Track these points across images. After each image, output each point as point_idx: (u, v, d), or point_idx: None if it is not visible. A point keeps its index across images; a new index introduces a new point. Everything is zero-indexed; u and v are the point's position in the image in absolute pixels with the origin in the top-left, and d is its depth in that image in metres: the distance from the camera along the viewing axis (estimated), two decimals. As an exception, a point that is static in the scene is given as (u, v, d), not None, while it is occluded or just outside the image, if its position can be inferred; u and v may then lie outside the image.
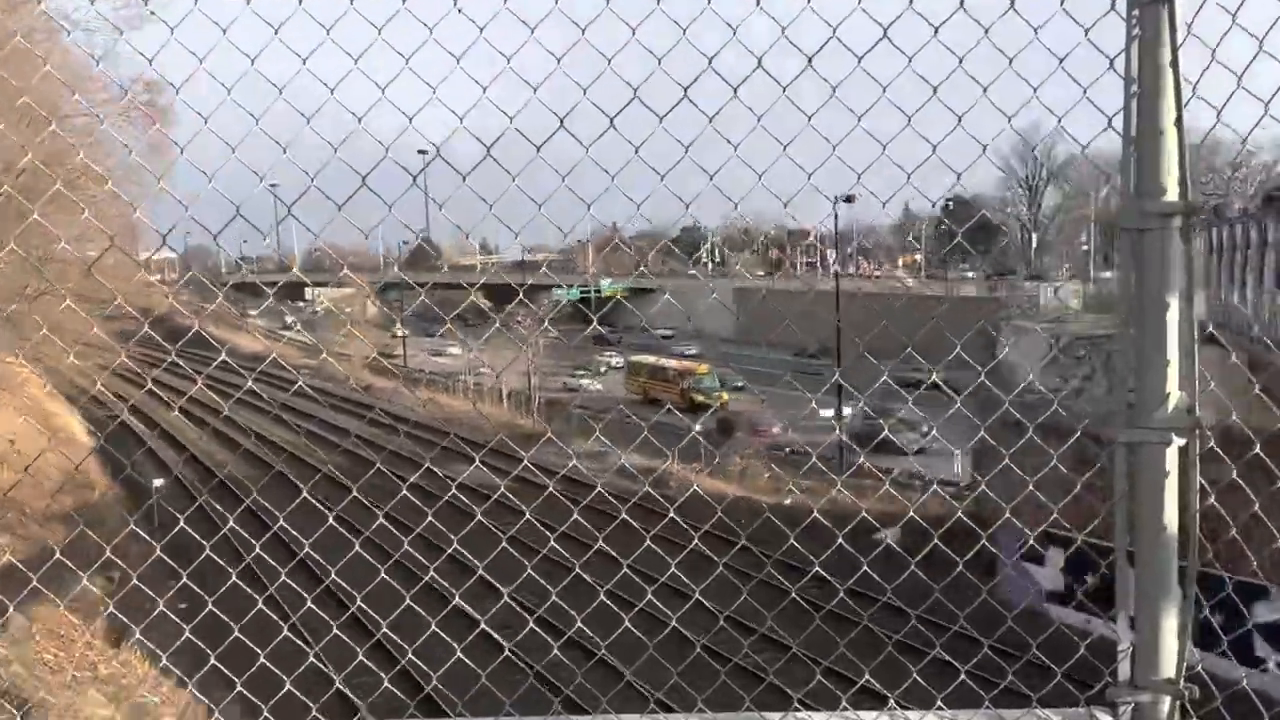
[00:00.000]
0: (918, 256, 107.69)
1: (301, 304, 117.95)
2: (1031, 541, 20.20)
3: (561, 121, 2.55)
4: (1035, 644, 3.83)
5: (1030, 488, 3.60)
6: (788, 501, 33.77)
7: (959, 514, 4.37)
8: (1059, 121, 3.10)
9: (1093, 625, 19.64)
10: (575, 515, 5.19)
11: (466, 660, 3.88)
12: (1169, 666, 2.84)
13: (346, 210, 2.62)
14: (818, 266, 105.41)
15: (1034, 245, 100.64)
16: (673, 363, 65.01)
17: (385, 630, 4.38)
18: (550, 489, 4.64)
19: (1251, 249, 20.66)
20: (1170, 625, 2.84)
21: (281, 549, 30.12)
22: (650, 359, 65.87)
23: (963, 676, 3.52)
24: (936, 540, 3.64)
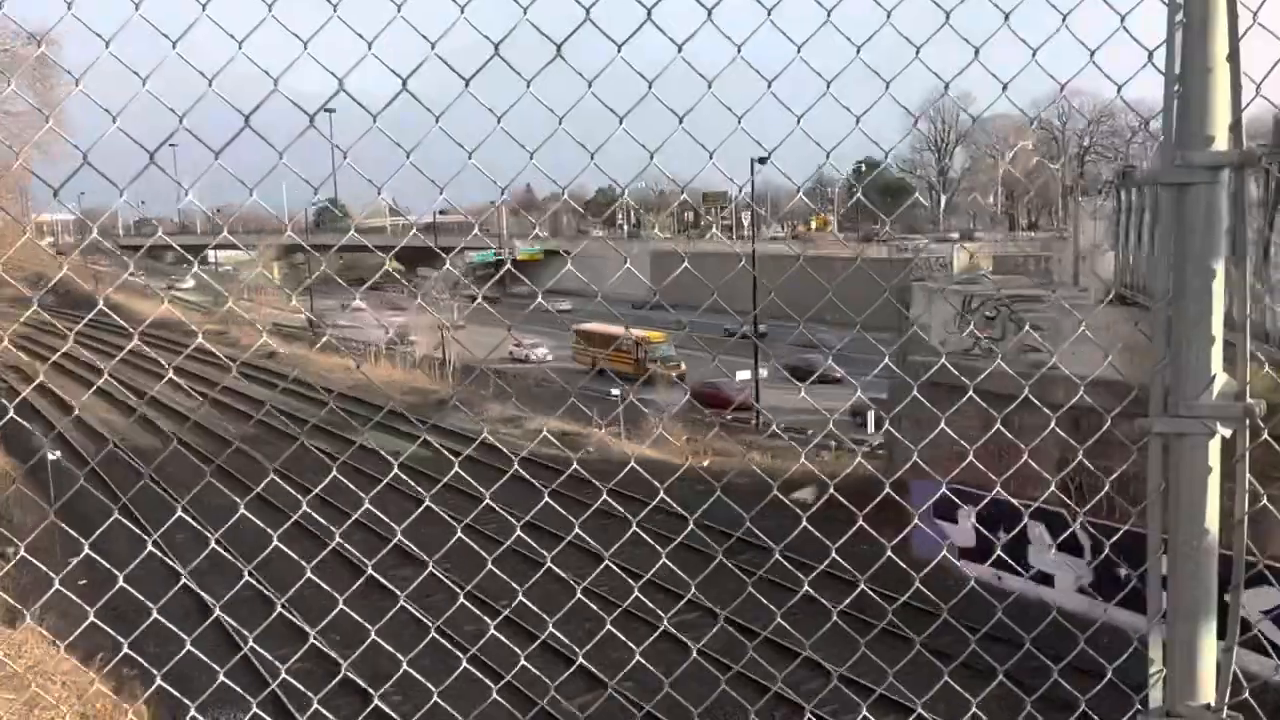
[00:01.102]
0: (830, 218, 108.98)
1: (204, 268, 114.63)
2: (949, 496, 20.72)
3: (467, 83, 2.47)
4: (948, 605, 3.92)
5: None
6: (706, 463, 34.14)
7: (885, 476, 4.45)
8: (1091, 56, 2.66)
9: (1005, 581, 20.06)
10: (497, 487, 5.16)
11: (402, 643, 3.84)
12: (1208, 690, 2.45)
13: (251, 171, 2.53)
14: (732, 230, 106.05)
15: (942, 206, 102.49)
16: (622, 330, 63.74)
17: (283, 603, 4.30)
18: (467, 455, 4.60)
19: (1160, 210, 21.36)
20: (1209, 642, 2.45)
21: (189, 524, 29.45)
22: (599, 326, 63.41)
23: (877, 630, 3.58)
24: (838, 497, 3.68)
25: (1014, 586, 19.91)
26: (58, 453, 33.26)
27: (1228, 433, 2.40)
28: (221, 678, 3.30)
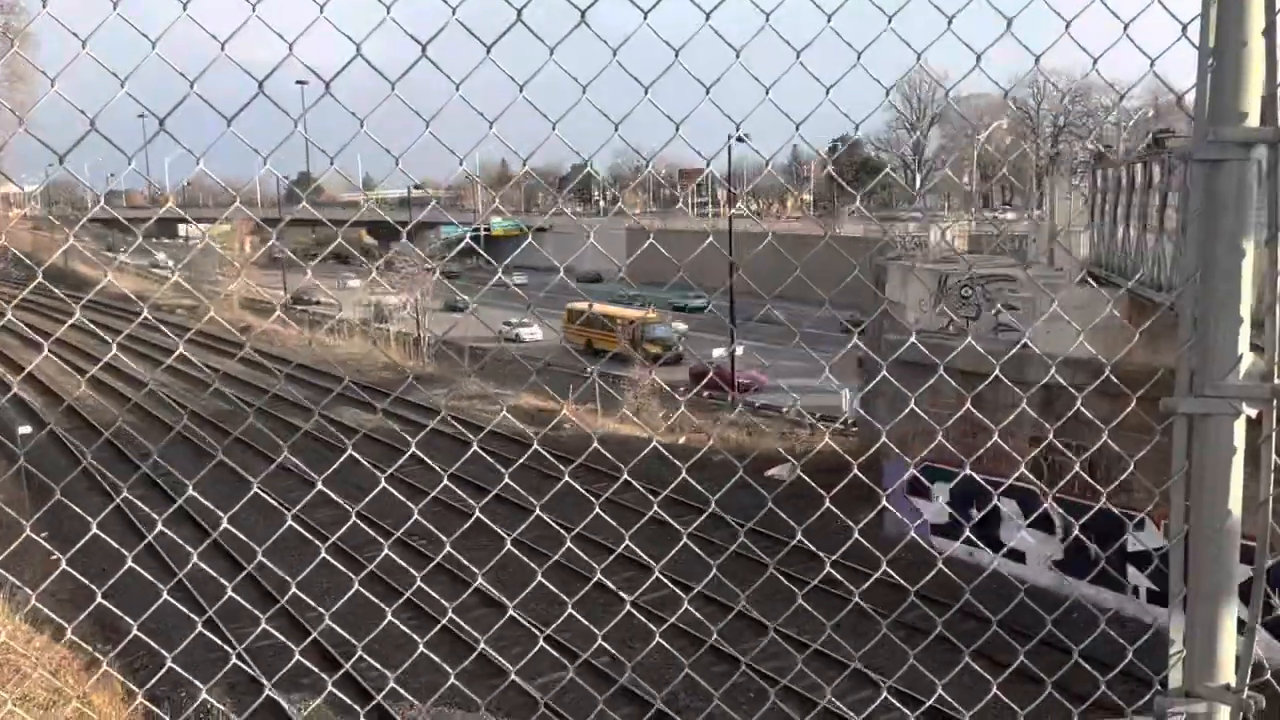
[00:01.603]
0: (807, 196, 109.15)
1: (177, 240, 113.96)
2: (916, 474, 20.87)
3: (424, 49, 2.42)
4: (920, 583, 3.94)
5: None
6: (682, 440, 34.22)
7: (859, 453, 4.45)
8: (1125, 28, 2.59)
9: (975, 556, 20.19)
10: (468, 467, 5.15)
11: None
12: (1227, 672, 2.46)
13: (223, 143, 2.50)
14: (709, 205, 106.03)
15: (918, 185, 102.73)
16: (617, 309, 61.83)
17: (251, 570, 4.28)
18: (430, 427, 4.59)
19: (1136, 192, 21.40)
20: (1230, 624, 2.44)
21: (165, 500, 29.29)
22: (586, 305, 61.83)
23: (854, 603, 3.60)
24: (804, 477, 3.69)
25: (986, 562, 20.11)
26: (28, 428, 32.98)
27: (1254, 413, 2.38)
28: (202, 628, 3.29)
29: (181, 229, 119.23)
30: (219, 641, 17.76)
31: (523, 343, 61.79)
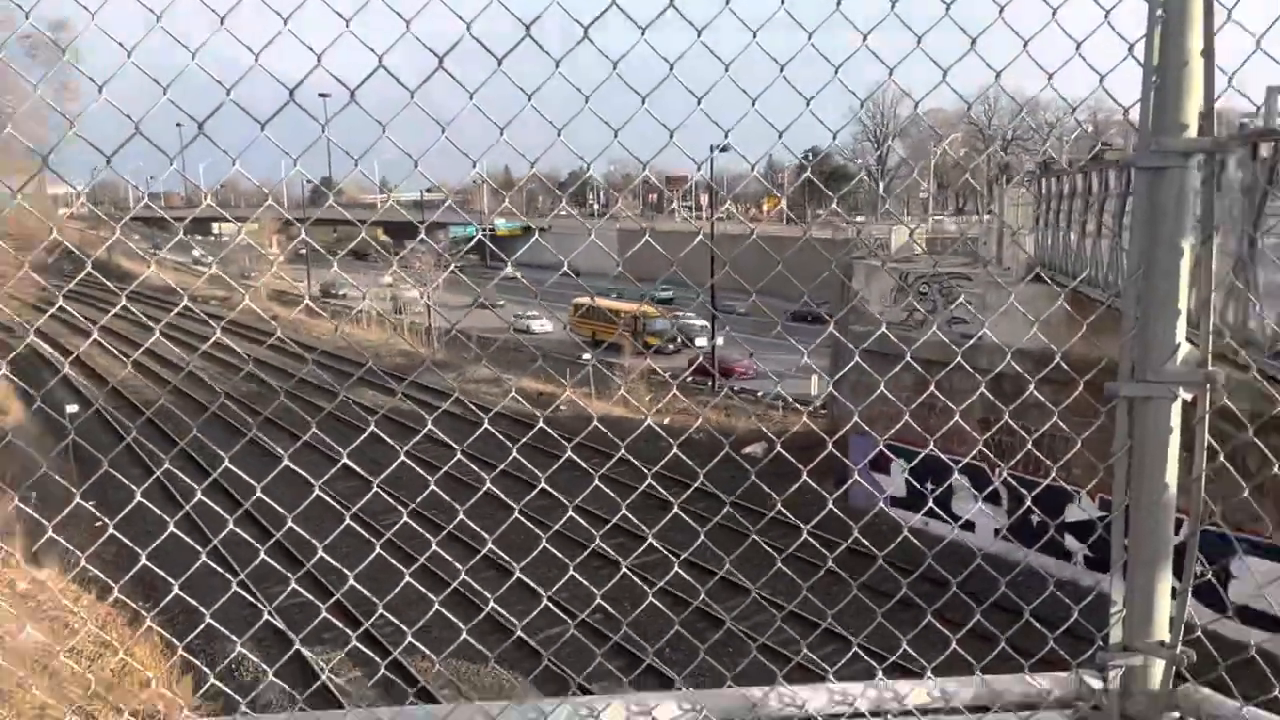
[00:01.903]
0: (782, 202, 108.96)
1: (210, 238, 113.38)
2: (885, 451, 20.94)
3: (440, 61, 2.41)
4: (885, 550, 3.94)
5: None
6: (667, 420, 34.26)
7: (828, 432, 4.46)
8: (1078, 47, 2.55)
9: (931, 526, 20.22)
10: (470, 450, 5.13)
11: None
12: (1162, 629, 2.50)
13: (251, 149, 2.47)
14: (692, 209, 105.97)
15: (881, 191, 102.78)
16: (619, 304, 60.40)
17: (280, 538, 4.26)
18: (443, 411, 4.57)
19: (1077, 198, 21.46)
20: (1164, 587, 2.48)
21: (201, 473, 29.17)
22: (594, 300, 62.48)
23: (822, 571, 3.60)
24: (785, 453, 3.69)
25: (940, 532, 20.20)
26: (75, 407, 32.83)
27: (1189, 397, 2.40)
28: (237, 591, 3.28)
29: (215, 227, 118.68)
30: (251, 599, 17.70)
31: (533, 334, 60.97)
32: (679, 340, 53.11)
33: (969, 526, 22.70)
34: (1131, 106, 2.42)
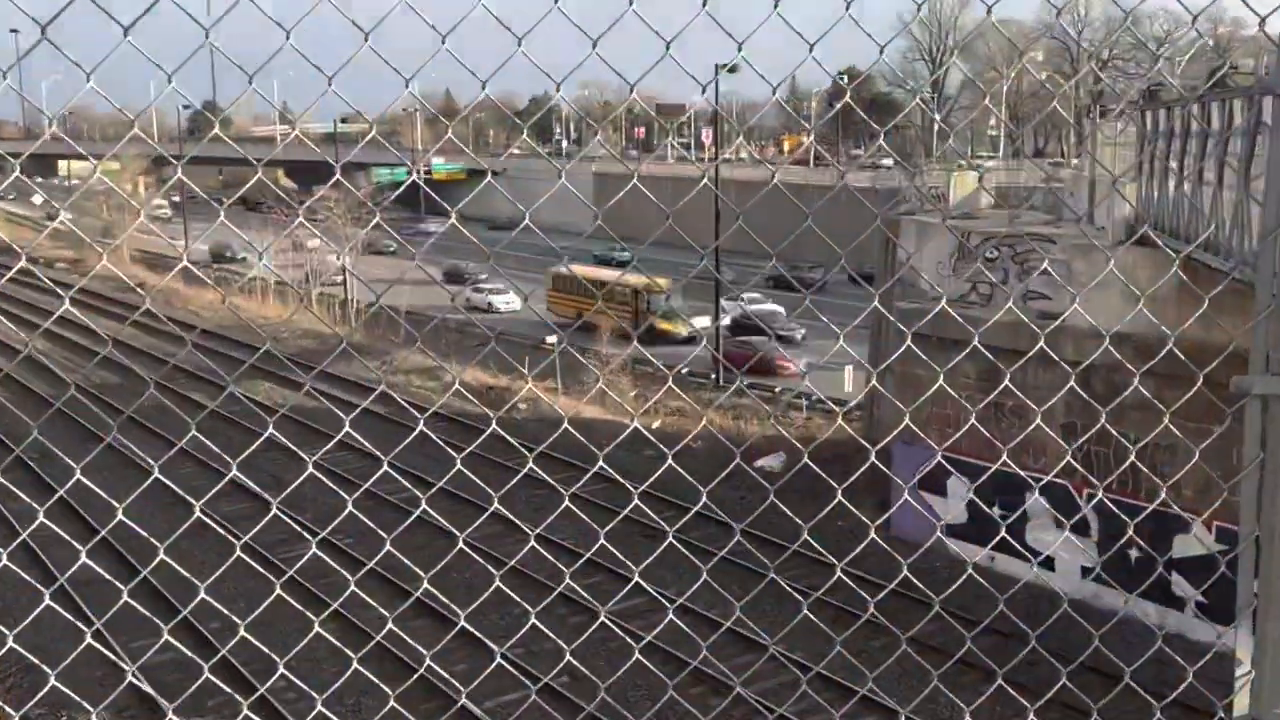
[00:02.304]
0: (805, 139, 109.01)
1: (56, 180, 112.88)
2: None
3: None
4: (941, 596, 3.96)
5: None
6: (657, 424, 34.30)
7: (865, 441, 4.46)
8: None
9: (998, 562, 20.33)
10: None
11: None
12: None
13: (111, 62, 2.44)
14: (691, 148, 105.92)
15: (935, 128, 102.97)
16: (613, 274, 55.98)
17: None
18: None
19: (1193, 137, 21.43)
20: None
21: (44, 489, 29.13)
22: (579, 269, 58.50)
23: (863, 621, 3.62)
24: (812, 467, 3.68)
25: (1012, 570, 20.29)
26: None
27: None
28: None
29: (63, 166, 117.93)
30: (110, 655, 17.70)
31: (498, 313, 57.81)
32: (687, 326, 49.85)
33: (1049, 564, 22.81)
34: (1271, 14, 2.38)
